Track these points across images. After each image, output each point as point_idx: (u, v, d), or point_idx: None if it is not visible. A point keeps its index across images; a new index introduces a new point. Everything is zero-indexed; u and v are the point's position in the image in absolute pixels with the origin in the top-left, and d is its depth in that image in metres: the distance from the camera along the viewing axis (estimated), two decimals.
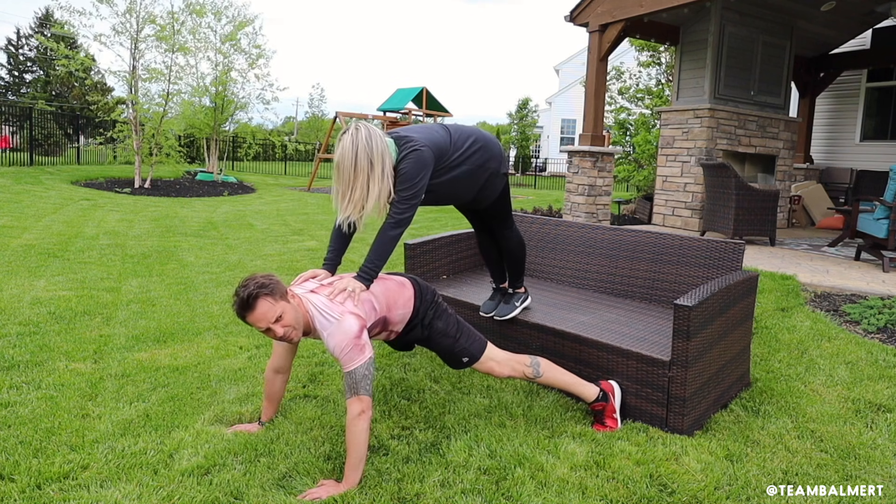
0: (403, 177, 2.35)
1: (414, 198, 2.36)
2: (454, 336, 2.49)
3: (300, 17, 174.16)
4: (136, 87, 13.46)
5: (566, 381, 2.60)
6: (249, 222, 8.85)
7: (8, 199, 9.52)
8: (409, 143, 2.38)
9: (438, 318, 2.50)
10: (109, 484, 2.06)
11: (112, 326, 3.76)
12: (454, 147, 2.54)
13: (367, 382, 2.13)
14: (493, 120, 71.89)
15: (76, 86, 29.11)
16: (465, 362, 2.51)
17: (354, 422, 2.09)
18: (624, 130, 12.38)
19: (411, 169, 2.35)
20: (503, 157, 2.73)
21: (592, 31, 7.74)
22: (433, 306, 2.51)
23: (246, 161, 22.59)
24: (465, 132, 2.62)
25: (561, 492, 2.08)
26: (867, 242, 5.69)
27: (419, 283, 2.54)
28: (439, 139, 2.50)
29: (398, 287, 2.47)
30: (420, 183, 2.36)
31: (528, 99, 35.63)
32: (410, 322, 2.49)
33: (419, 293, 2.50)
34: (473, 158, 2.58)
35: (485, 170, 2.63)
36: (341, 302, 2.24)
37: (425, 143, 2.40)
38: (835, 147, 10.37)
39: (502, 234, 2.96)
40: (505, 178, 2.76)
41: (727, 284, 2.68)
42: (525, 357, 2.58)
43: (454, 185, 2.57)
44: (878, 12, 8.12)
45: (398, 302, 2.44)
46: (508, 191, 2.83)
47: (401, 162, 2.36)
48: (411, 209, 2.36)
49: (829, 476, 2.22)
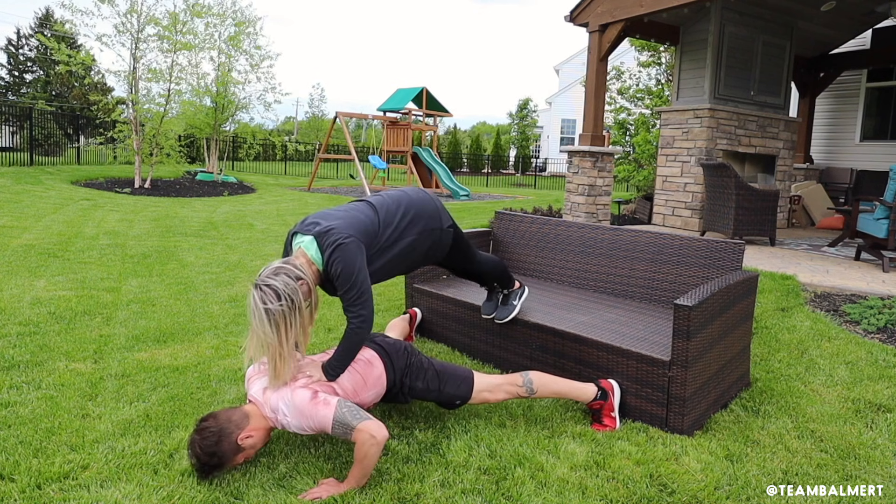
0: (340, 280, 2.18)
1: (362, 295, 2.19)
2: (437, 389, 2.44)
3: (310, 17, 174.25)
4: (136, 87, 13.46)
5: (562, 389, 2.58)
6: (249, 222, 8.85)
7: (8, 199, 9.52)
8: (332, 238, 2.19)
9: (417, 380, 2.43)
10: (109, 484, 2.06)
11: (112, 326, 3.76)
12: (384, 225, 2.37)
13: (355, 413, 2.06)
14: (493, 120, 71.92)
15: (76, 86, 29.13)
16: (457, 404, 2.49)
17: (367, 446, 2.02)
18: (624, 130, 12.39)
19: (343, 268, 2.17)
20: (441, 210, 2.57)
21: (592, 31, 7.74)
22: (407, 371, 2.43)
23: (246, 161, 22.59)
24: (392, 204, 2.45)
25: (561, 492, 2.08)
26: (867, 242, 5.69)
27: (388, 352, 2.44)
28: (365, 222, 2.31)
29: (366, 367, 2.37)
30: (360, 278, 2.19)
31: (529, 99, 35.68)
32: (388, 392, 2.43)
33: (390, 366, 2.41)
34: (409, 229, 2.43)
35: (425, 234, 2.48)
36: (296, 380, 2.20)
37: (350, 234, 2.21)
38: (835, 147, 10.37)
39: (472, 270, 2.86)
40: (450, 230, 2.60)
41: (727, 284, 2.68)
42: (516, 376, 2.54)
43: (397, 262, 2.42)
44: (878, 12, 8.12)
45: (367, 383, 2.35)
46: (462, 237, 2.68)
47: (329, 264, 2.19)
48: (366, 306, 2.21)
49: (829, 476, 2.22)
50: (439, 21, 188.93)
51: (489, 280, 3.02)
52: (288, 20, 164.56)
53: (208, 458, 2.04)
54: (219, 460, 2.06)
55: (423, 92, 16.87)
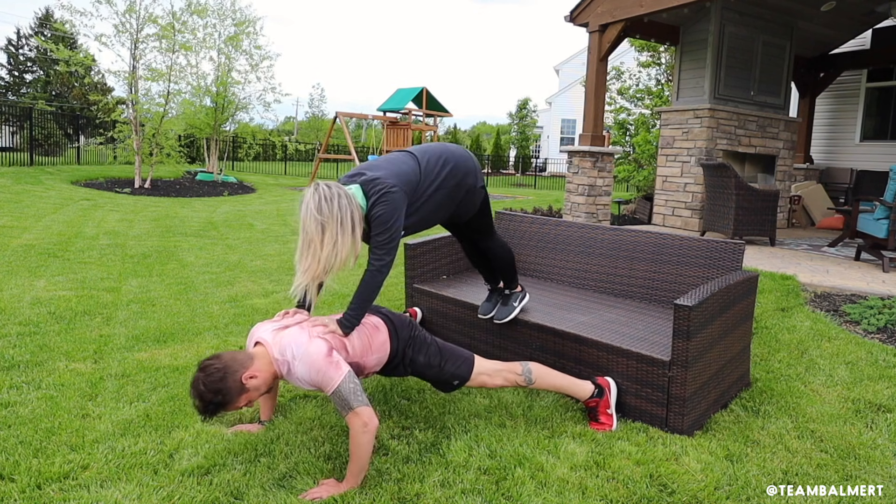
0: (377, 222, 2.27)
1: (391, 241, 2.27)
2: (438, 365, 2.44)
3: (310, 17, 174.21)
4: (136, 87, 13.46)
5: (560, 383, 2.58)
6: (249, 222, 8.85)
7: (8, 199, 9.52)
8: (379, 187, 2.28)
9: (419, 353, 2.44)
10: (109, 484, 2.06)
11: (112, 326, 3.76)
12: (425, 175, 2.44)
13: (358, 394, 2.07)
14: (493, 120, 71.94)
15: (76, 86, 29.11)
16: (455, 385, 2.48)
17: (359, 436, 2.04)
18: (624, 130, 12.38)
19: (384, 212, 2.26)
20: (478, 170, 2.65)
21: (592, 31, 7.74)
22: (411, 343, 2.45)
23: (246, 161, 22.59)
24: (433, 154, 2.52)
25: (561, 492, 2.08)
26: (867, 242, 5.69)
27: (394, 322, 2.46)
28: (408, 173, 2.40)
29: (372, 331, 2.39)
30: (395, 226, 2.28)
31: (528, 99, 35.70)
32: (390, 363, 2.44)
33: (394, 334, 2.43)
34: (447, 181, 2.50)
35: (461, 188, 2.56)
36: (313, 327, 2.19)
37: (395, 184, 2.31)
38: (835, 147, 10.37)
39: (486, 246, 2.91)
40: (482, 191, 2.69)
41: (727, 284, 2.68)
42: (516, 365, 2.54)
43: (432, 211, 2.49)
44: (878, 12, 8.12)
45: (372, 346, 2.37)
46: (488, 203, 2.78)
47: (373, 207, 2.28)
48: (390, 253, 2.28)
49: (829, 476, 2.22)
50: (439, 21, 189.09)
51: (497, 267, 3.03)
52: (288, 20, 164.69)
53: (212, 395, 2.02)
54: (223, 398, 2.04)
55: (423, 92, 16.87)
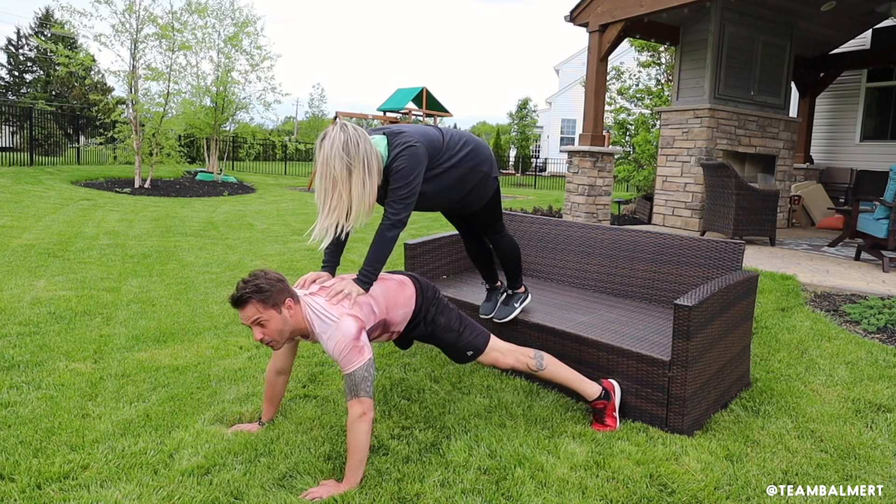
0: (398, 175, 2.27)
1: (409, 196, 2.28)
2: (458, 330, 2.50)
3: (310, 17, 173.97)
4: (136, 87, 13.46)
5: (569, 377, 2.60)
6: (249, 222, 8.85)
7: (8, 199, 9.52)
8: (402, 140, 2.30)
9: (441, 314, 2.50)
10: (109, 484, 2.06)
11: (112, 326, 3.76)
12: (447, 147, 2.48)
13: (368, 384, 2.13)
14: (493, 120, 71.90)
15: (76, 86, 29.10)
16: (469, 356, 2.52)
17: (356, 424, 2.09)
18: (624, 130, 12.38)
19: (406, 166, 2.27)
20: (494, 161, 2.69)
21: (592, 31, 7.74)
22: (435, 303, 2.51)
23: (246, 161, 22.58)
24: (456, 134, 2.58)
25: (561, 492, 2.08)
26: (867, 242, 5.69)
27: (420, 280, 2.54)
28: (433, 137, 2.44)
29: (398, 286, 2.46)
30: (415, 181, 2.29)
31: (528, 99, 35.65)
32: (413, 320, 2.50)
33: (420, 290, 2.50)
34: (464, 160, 2.52)
35: (476, 172, 2.58)
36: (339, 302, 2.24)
37: (419, 139, 2.33)
38: (835, 147, 10.37)
39: (493, 240, 2.93)
40: (496, 181, 2.72)
41: (727, 284, 2.68)
42: (529, 350, 2.60)
43: (444, 188, 2.51)
44: (878, 12, 8.12)
45: (398, 301, 2.43)
46: (499, 197, 2.79)
47: (394, 160, 2.28)
48: (407, 209, 2.30)
49: (829, 476, 2.22)
50: (439, 20, 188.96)
51: (502, 264, 3.03)
52: (288, 20, 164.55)
53: (269, 283, 2.13)
54: (270, 290, 2.13)
55: (423, 92, 16.88)
